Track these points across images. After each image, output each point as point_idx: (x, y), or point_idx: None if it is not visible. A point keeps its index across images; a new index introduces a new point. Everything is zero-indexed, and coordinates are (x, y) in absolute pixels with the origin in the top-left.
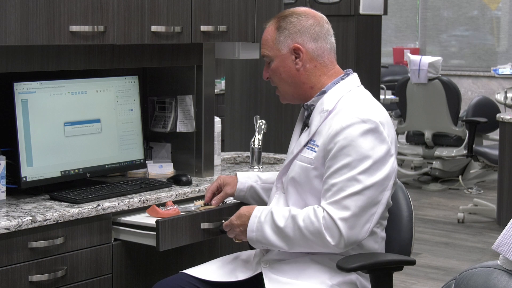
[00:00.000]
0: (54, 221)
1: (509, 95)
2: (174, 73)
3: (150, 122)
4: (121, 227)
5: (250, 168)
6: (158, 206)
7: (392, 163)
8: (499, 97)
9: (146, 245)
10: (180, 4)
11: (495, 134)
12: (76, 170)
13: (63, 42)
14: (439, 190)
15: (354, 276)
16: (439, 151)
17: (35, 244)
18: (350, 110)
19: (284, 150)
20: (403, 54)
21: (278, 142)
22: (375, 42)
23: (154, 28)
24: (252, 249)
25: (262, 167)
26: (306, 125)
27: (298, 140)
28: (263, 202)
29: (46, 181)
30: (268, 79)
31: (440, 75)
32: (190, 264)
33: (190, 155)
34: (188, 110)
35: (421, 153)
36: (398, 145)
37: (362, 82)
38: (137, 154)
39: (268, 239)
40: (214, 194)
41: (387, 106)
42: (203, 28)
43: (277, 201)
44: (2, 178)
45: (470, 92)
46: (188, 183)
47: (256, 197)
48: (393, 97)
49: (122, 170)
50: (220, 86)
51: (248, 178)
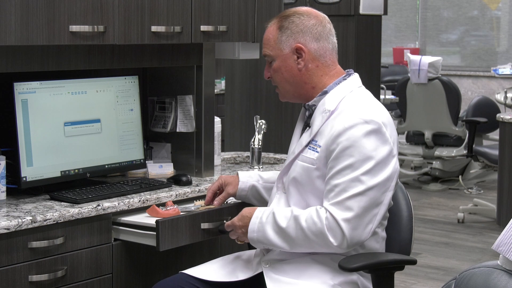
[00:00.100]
0: (54, 221)
1: (509, 95)
2: (174, 73)
3: (150, 122)
4: (121, 227)
5: (250, 168)
6: (158, 206)
7: (394, 164)
8: (499, 97)
9: (146, 245)
10: (180, 4)
11: (495, 134)
12: (76, 170)
13: (63, 42)
14: (439, 190)
15: (355, 276)
16: (439, 151)
17: (35, 244)
18: (352, 110)
19: (284, 150)
20: (403, 54)
21: (278, 142)
22: (375, 42)
23: (154, 28)
24: (252, 249)
25: (262, 167)
26: (307, 125)
27: (299, 140)
28: (265, 201)
29: (46, 181)
30: (269, 79)
31: (440, 75)
32: (190, 264)
33: (190, 155)
34: (188, 110)
35: (421, 153)
36: (398, 145)
37: (362, 82)
38: (137, 154)
39: (269, 240)
40: (215, 194)
41: (387, 106)
42: (203, 28)
43: (278, 201)
44: (2, 178)
45: (470, 92)
46: (188, 183)
47: (258, 196)
48: (393, 97)
49: (122, 170)
50: (220, 86)
51: (249, 177)
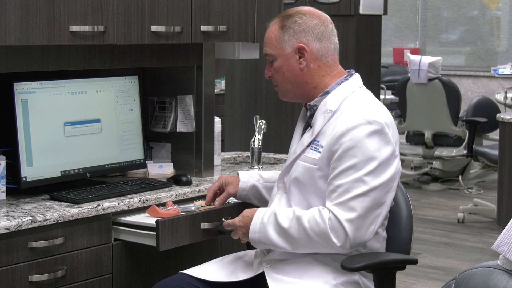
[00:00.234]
0: (54, 221)
1: (509, 95)
2: (174, 73)
3: (150, 122)
4: (121, 227)
5: (250, 168)
6: (158, 206)
7: (396, 164)
8: (499, 97)
9: (146, 245)
10: (180, 4)
11: (495, 134)
12: (76, 170)
13: (63, 42)
14: (439, 190)
15: (357, 276)
16: (439, 151)
17: (35, 244)
18: (355, 111)
19: (284, 150)
20: (403, 54)
21: (278, 142)
22: (375, 42)
23: (154, 28)
24: (251, 249)
25: (262, 167)
26: (308, 125)
27: (300, 140)
28: (266, 201)
29: (46, 181)
30: (270, 78)
31: (440, 75)
32: (190, 264)
33: (190, 155)
34: (188, 110)
35: (421, 153)
36: (399, 145)
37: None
38: (137, 154)
39: (271, 240)
40: (216, 194)
41: (387, 106)
42: (203, 28)
43: (278, 201)
44: (2, 178)
45: (470, 92)
46: (188, 183)
47: (258, 196)
48: (393, 97)
49: (122, 170)
50: (220, 86)
51: (250, 177)
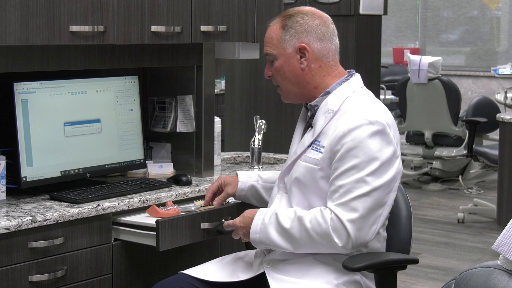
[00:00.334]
0: (54, 221)
1: (509, 95)
2: (174, 73)
3: (150, 122)
4: (121, 227)
5: (250, 168)
6: (158, 206)
7: (398, 165)
8: (499, 97)
9: (146, 245)
10: (180, 4)
11: (495, 134)
12: (76, 170)
13: (63, 42)
14: (439, 190)
15: (358, 276)
16: (439, 151)
17: (35, 244)
18: (356, 111)
19: (284, 150)
20: (403, 54)
21: (278, 142)
22: (375, 42)
23: (154, 28)
24: (251, 248)
25: (262, 167)
26: (309, 125)
27: (301, 140)
28: (265, 201)
29: (46, 181)
30: (270, 78)
31: (440, 75)
32: (190, 264)
33: (190, 155)
34: (188, 110)
35: (421, 153)
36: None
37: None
38: (137, 154)
39: (272, 241)
40: (215, 195)
41: (387, 106)
42: (203, 28)
43: (279, 201)
44: (2, 178)
45: (470, 92)
46: (188, 183)
47: (257, 196)
48: (393, 97)
49: (122, 170)
50: (220, 86)
51: (249, 177)
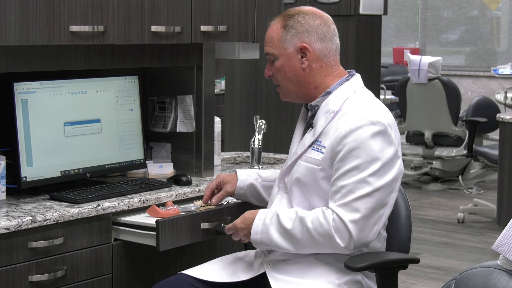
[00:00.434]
0: (54, 221)
1: (509, 95)
2: (174, 73)
3: (150, 122)
4: (121, 227)
5: (250, 168)
6: (158, 206)
7: (399, 165)
8: (499, 97)
9: (146, 245)
10: (180, 4)
11: (495, 134)
12: (76, 170)
13: (63, 42)
14: (439, 190)
15: (359, 275)
16: (439, 151)
17: (35, 244)
18: (358, 111)
19: (284, 150)
20: (403, 54)
21: (278, 142)
22: (375, 42)
23: (154, 28)
24: (249, 249)
25: (262, 167)
26: (309, 125)
27: (301, 140)
28: (263, 200)
29: (46, 181)
30: (270, 77)
31: (440, 75)
32: (190, 264)
33: (190, 155)
34: (188, 110)
35: (421, 153)
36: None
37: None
38: (137, 154)
39: (274, 241)
40: (213, 193)
41: (387, 106)
42: (203, 28)
43: (279, 201)
44: (2, 178)
45: (470, 92)
46: (188, 183)
47: (256, 195)
48: (393, 97)
49: (122, 170)
50: (220, 86)
51: (248, 176)
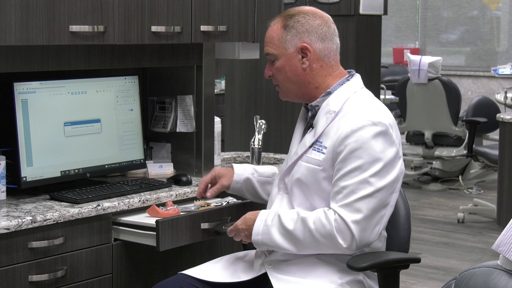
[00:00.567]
0: (54, 221)
1: (509, 95)
2: (174, 73)
3: (150, 122)
4: (121, 227)
5: None
6: (158, 206)
7: (400, 165)
8: (499, 97)
9: (146, 245)
10: (180, 4)
11: (495, 134)
12: (76, 170)
13: (63, 42)
14: (439, 190)
15: (361, 275)
16: (439, 151)
17: (35, 244)
18: (359, 112)
19: (284, 150)
20: (403, 54)
21: (278, 142)
22: (375, 42)
23: (154, 28)
24: (248, 249)
25: None
26: (310, 125)
27: (302, 140)
28: (258, 195)
29: (46, 181)
30: (270, 77)
31: (440, 75)
32: (190, 264)
33: (190, 155)
34: (188, 110)
35: (421, 153)
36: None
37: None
38: (137, 154)
39: (275, 242)
40: (207, 187)
41: (387, 106)
42: (203, 28)
43: (280, 201)
44: (2, 178)
45: (470, 92)
46: (188, 183)
47: (251, 189)
48: (393, 97)
49: (122, 170)
50: (220, 86)
51: (244, 170)
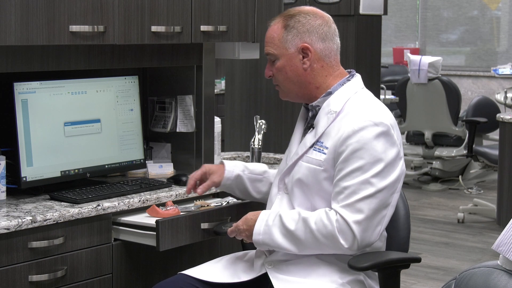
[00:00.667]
0: (54, 221)
1: (509, 95)
2: (174, 73)
3: (150, 122)
4: (121, 227)
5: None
6: (158, 206)
7: (401, 166)
8: (499, 97)
9: (146, 245)
10: (180, 4)
11: (495, 134)
12: (76, 170)
13: (63, 42)
14: (439, 190)
15: (361, 275)
16: (439, 151)
17: (35, 244)
18: (360, 112)
19: (284, 150)
20: (403, 54)
21: (278, 142)
22: (375, 42)
23: (154, 28)
24: (250, 249)
25: None
26: (310, 126)
27: (302, 141)
28: (248, 193)
29: (46, 181)
30: (270, 77)
31: (440, 75)
32: (190, 264)
33: (190, 155)
34: (188, 110)
35: (421, 153)
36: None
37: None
38: (137, 154)
39: (276, 242)
40: (197, 183)
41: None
42: (203, 28)
43: (280, 202)
44: (2, 178)
45: (470, 92)
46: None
47: (241, 187)
48: (393, 97)
49: (122, 170)
50: (220, 86)
51: (235, 166)
